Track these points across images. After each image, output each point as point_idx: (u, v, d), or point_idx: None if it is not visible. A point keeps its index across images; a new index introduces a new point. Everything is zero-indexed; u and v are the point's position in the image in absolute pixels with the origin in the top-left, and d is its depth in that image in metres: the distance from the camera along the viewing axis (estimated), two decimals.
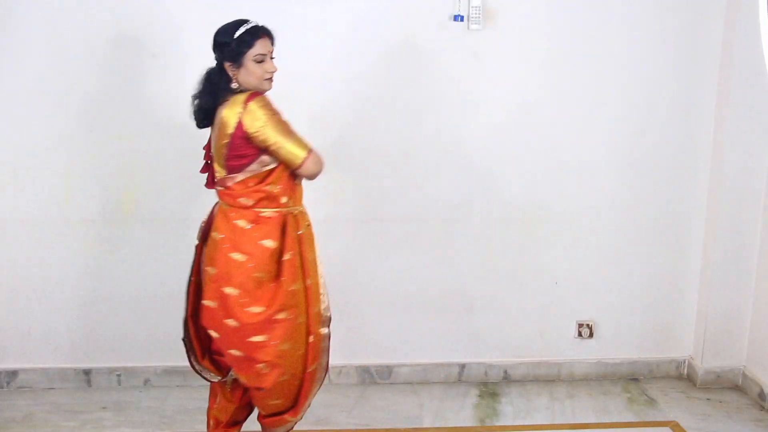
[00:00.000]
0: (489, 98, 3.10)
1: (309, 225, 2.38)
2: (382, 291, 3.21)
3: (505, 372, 3.33)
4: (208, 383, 2.54)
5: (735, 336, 3.24)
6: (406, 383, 3.28)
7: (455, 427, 2.87)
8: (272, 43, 2.26)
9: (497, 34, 3.03)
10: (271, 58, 2.26)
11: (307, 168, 2.23)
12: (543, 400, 3.13)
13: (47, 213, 3.10)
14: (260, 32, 2.23)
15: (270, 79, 2.27)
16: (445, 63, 3.05)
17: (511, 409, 3.04)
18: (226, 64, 2.23)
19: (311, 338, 2.34)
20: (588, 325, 3.29)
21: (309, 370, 2.36)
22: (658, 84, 3.11)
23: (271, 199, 2.27)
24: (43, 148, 3.05)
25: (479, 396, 3.17)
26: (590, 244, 3.24)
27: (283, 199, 2.29)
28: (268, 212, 2.27)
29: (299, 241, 2.31)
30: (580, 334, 3.30)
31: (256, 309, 2.25)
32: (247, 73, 2.22)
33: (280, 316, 2.26)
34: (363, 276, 3.18)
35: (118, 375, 3.28)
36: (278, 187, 2.26)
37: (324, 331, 2.39)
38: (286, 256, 2.27)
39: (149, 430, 2.88)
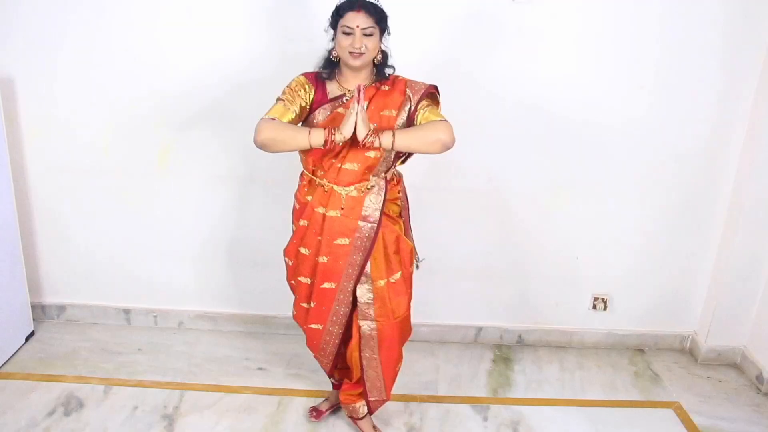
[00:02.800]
0: (525, 73, 3.06)
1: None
2: None
3: (519, 336, 3.51)
4: (240, 331, 3.32)
5: (740, 317, 3.37)
6: (424, 341, 3.47)
7: (469, 397, 3.07)
8: (372, 20, 2.22)
9: (538, 9, 2.96)
10: (366, 35, 2.22)
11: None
12: (554, 370, 3.32)
13: (95, 164, 3.21)
14: (356, 5, 2.21)
15: (355, 56, 2.24)
16: (485, 34, 3.01)
17: (523, 378, 3.23)
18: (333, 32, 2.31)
19: None
20: (603, 299, 3.43)
21: None
22: (696, 70, 3.06)
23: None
24: (87, 103, 3.11)
25: (493, 361, 3.36)
26: (612, 222, 3.31)
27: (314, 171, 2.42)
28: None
29: None
30: (594, 307, 3.45)
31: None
32: (337, 44, 2.27)
33: None
34: None
35: (155, 316, 3.48)
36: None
37: None
38: None
39: (177, 379, 3.08)
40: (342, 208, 2.37)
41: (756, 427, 2.96)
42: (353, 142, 2.23)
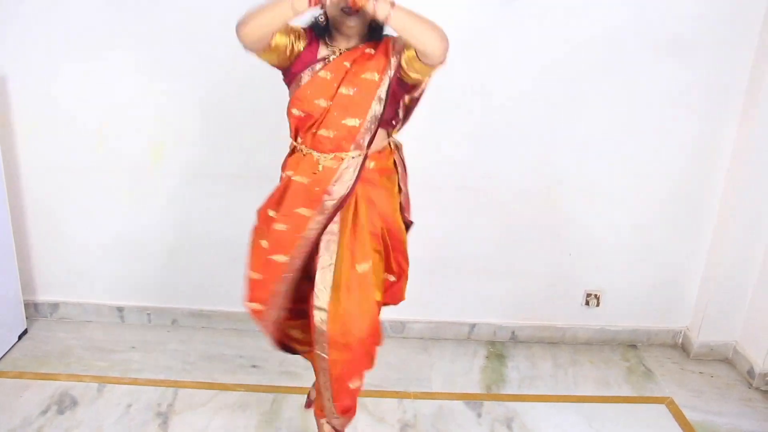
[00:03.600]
0: (518, 68, 3.07)
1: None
2: None
3: (513, 333, 3.52)
4: (234, 328, 3.21)
5: (732, 313, 3.40)
6: (418, 338, 3.48)
7: (462, 393, 3.08)
8: None
9: (528, 10, 2.96)
10: None
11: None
12: (547, 366, 3.33)
13: (88, 163, 3.20)
14: None
15: (348, 12, 1.95)
16: (476, 28, 3.00)
17: (517, 374, 3.25)
18: None
19: None
20: (596, 295, 3.45)
21: None
22: (689, 66, 3.07)
23: None
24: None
25: (487, 357, 3.38)
26: (606, 219, 3.32)
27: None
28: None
29: None
30: (587, 303, 3.46)
31: None
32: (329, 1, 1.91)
33: None
34: None
35: (149, 314, 3.47)
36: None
37: None
38: None
39: (171, 377, 3.08)
40: (314, 173, 2.15)
41: (747, 421, 2.98)
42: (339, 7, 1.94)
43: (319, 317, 2.20)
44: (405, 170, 2.40)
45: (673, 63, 3.05)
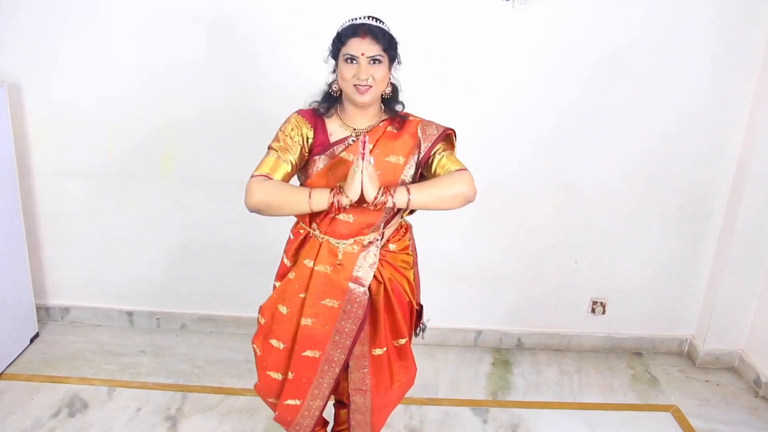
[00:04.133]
0: (527, 75, 3.10)
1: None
2: None
3: (519, 340, 3.54)
4: (242, 333, 3.26)
5: (737, 322, 3.41)
6: (424, 344, 3.50)
7: (468, 399, 3.10)
8: (380, 46, 1.92)
9: (538, 15, 2.99)
10: (374, 62, 1.91)
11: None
12: (552, 373, 3.35)
13: (99, 169, 3.25)
14: (360, 30, 1.91)
15: (362, 90, 1.92)
16: (485, 39, 3.04)
17: (522, 381, 3.27)
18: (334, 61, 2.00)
19: None
20: (602, 303, 3.47)
21: None
22: (694, 72, 3.09)
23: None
24: (93, 109, 3.16)
25: (493, 364, 3.40)
26: (612, 227, 3.35)
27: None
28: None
29: None
30: (593, 311, 3.48)
31: None
32: (339, 75, 1.96)
33: None
34: None
35: (158, 318, 3.51)
36: None
37: None
38: None
39: (180, 381, 3.12)
40: (339, 264, 2.04)
41: (753, 430, 2.99)
42: (359, 201, 1.87)
43: (359, 397, 2.25)
44: (416, 251, 2.31)
45: (681, 71, 3.08)
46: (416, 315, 2.30)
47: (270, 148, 2.00)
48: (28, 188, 3.27)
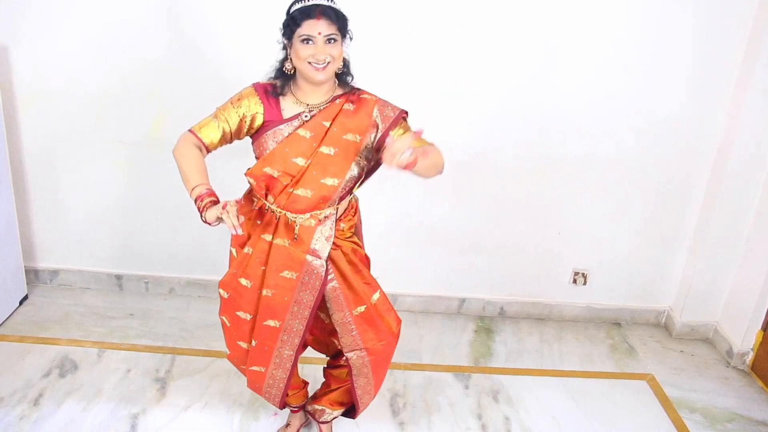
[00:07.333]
0: (512, 51, 3.12)
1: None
2: (395, 225, 3.39)
3: (501, 308, 3.62)
4: None
5: (713, 296, 3.51)
6: (408, 311, 3.57)
7: (451, 366, 3.18)
8: (335, 26, 1.94)
9: None
10: (330, 41, 1.94)
11: None
12: (533, 341, 3.44)
13: (88, 133, 3.25)
14: (315, 12, 1.92)
15: (317, 67, 1.95)
16: (474, 13, 3.05)
17: (504, 348, 3.35)
18: (286, 42, 2.02)
19: None
20: (583, 274, 3.55)
21: None
22: (678, 52, 3.13)
23: None
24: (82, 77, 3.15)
25: (475, 332, 3.48)
26: (595, 199, 3.41)
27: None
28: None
29: None
30: (574, 281, 3.56)
31: None
32: (294, 54, 1.99)
33: None
34: (378, 209, 3.22)
35: (146, 282, 3.55)
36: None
37: None
38: None
39: (169, 344, 3.17)
40: (295, 238, 2.12)
41: (724, 398, 3.10)
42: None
43: (355, 355, 2.30)
44: (360, 221, 2.38)
45: (663, 49, 3.12)
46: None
47: (216, 109, 2.14)
48: (17, 151, 3.27)
